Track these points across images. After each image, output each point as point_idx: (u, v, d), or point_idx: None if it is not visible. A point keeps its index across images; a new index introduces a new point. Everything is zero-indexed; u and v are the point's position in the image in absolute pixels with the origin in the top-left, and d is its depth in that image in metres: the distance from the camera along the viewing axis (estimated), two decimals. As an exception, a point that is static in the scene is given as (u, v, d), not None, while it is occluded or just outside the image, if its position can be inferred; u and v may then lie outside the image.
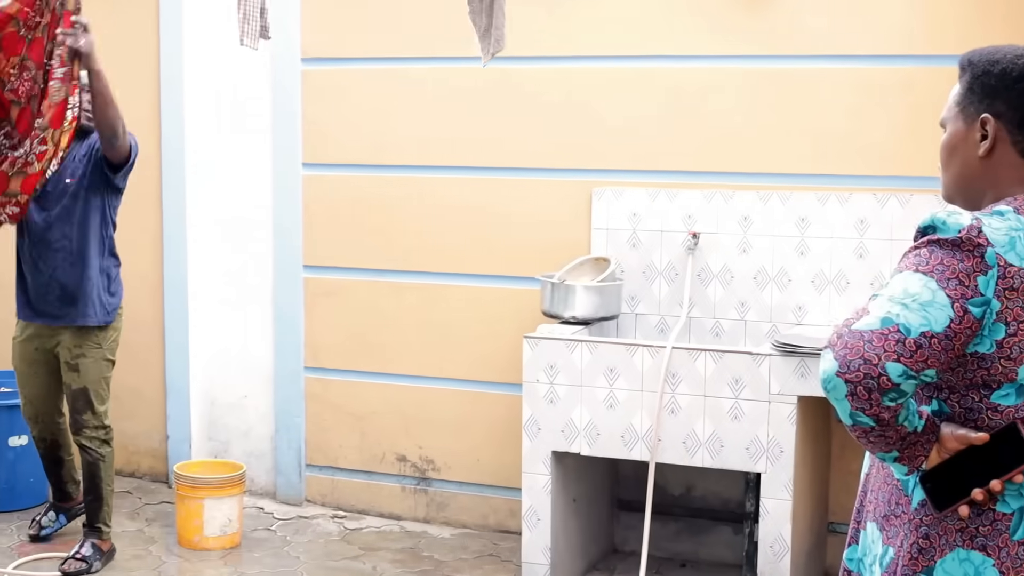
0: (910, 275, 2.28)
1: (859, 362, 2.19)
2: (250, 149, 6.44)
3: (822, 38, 5.41)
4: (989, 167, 2.43)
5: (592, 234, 5.74)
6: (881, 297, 2.27)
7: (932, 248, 2.29)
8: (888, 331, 2.20)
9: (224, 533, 5.78)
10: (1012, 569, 2.28)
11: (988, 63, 2.44)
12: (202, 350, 6.61)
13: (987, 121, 2.42)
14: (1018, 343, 2.27)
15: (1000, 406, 2.31)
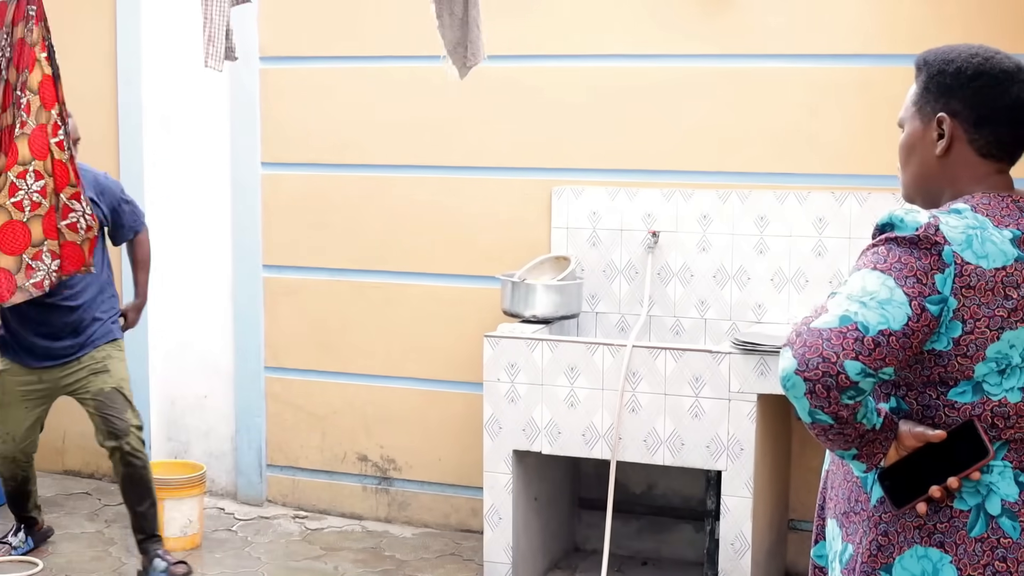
0: (868, 273, 2.28)
1: (818, 360, 2.20)
2: (208, 148, 6.41)
3: (780, 38, 5.43)
4: (947, 166, 2.44)
5: (552, 233, 5.75)
6: (839, 295, 2.27)
7: (890, 246, 2.31)
8: (846, 329, 2.21)
9: (184, 534, 5.76)
10: (969, 565, 2.29)
11: (943, 62, 2.45)
12: (161, 351, 6.58)
13: (943, 120, 2.43)
14: (974, 341, 2.28)
15: (957, 403, 2.33)
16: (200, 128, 6.42)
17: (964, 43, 2.49)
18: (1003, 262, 2.29)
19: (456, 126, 5.91)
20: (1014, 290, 2.29)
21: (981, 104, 2.41)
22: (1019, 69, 2.40)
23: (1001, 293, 2.28)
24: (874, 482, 2.39)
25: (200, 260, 6.49)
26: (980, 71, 2.41)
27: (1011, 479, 2.32)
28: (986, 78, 2.40)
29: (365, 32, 6.04)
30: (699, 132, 5.55)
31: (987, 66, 2.41)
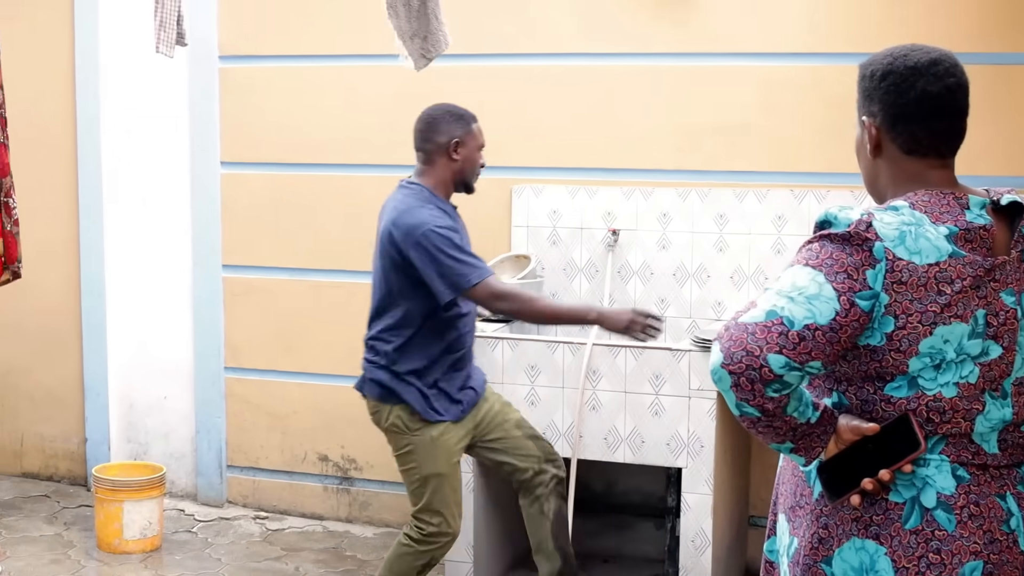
0: (800, 269, 2.33)
1: (741, 353, 2.25)
2: (167, 148, 6.37)
3: (737, 36, 5.45)
4: (881, 166, 2.49)
5: (512, 231, 5.75)
6: (770, 291, 2.32)
7: (823, 243, 2.34)
8: (772, 323, 2.25)
9: (144, 536, 5.73)
10: (904, 557, 2.32)
11: (865, 66, 2.51)
12: (120, 352, 6.54)
13: (866, 123, 2.49)
14: (907, 336, 2.30)
15: (893, 398, 2.35)
16: (159, 128, 6.39)
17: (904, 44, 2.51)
18: (936, 258, 2.30)
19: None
20: (948, 286, 2.30)
21: (891, 103, 2.44)
22: (933, 63, 2.42)
23: (934, 289, 2.29)
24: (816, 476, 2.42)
25: (159, 260, 6.45)
26: (888, 70, 2.45)
27: (948, 473, 2.34)
28: (893, 76, 2.44)
29: (325, 31, 6.03)
30: (659, 130, 5.56)
31: (896, 64, 2.44)
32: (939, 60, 2.42)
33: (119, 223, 6.46)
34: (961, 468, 2.35)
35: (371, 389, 4.59)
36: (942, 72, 2.41)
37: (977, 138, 5.06)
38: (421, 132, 4.59)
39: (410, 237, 4.34)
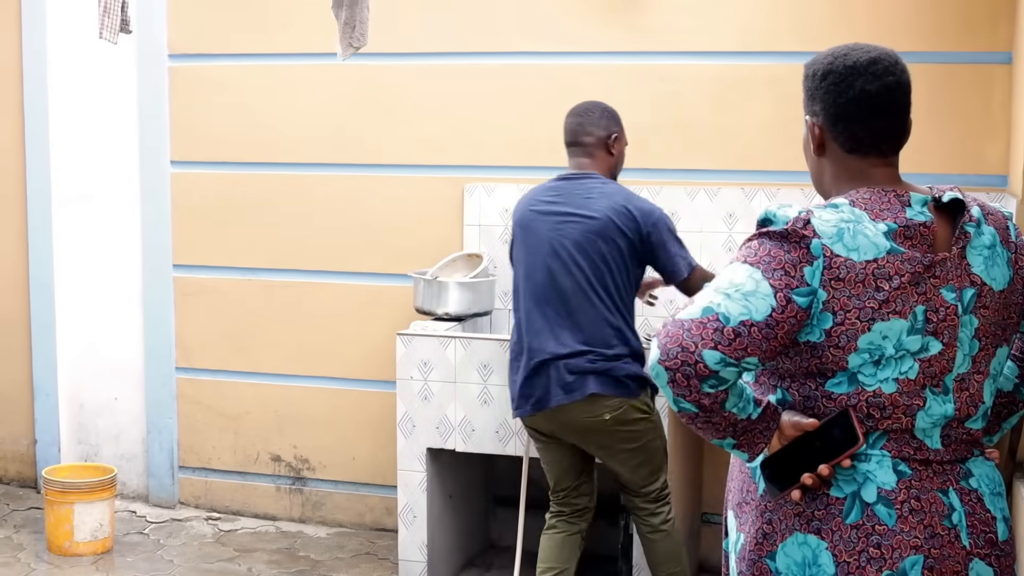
0: (738, 266, 2.35)
1: (677, 350, 2.27)
2: (117, 147, 6.33)
3: (690, 35, 5.47)
4: (827, 164, 2.51)
5: (464, 230, 5.75)
6: (708, 288, 2.34)
7: (762, 240, 2.37)
8: (707, 320, 2.27)
9: (95, 538, 5.69)
10: (844, 552, 2.33)
11: (808, 66, 2.53)
12: (70, 352, 6.50)
13: (809, 123, 2.51)
14: (845, 332, 2.31)
15: (834, 394, 2.37)
16: (108, 127, 6.34)
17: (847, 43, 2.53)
18: (875, 254, 2.32)
19: (367, 124, 5.89)
20: (886, 282, 2.31)
21: (831, 102, 2.46)
22: (872, 62, 2.43)
23: (872, 285, 2.31)
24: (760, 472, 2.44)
25: (109, 260, 6.41)
26: (828, 70, 2.46)
27: (889, 468, 2.36)
28: (833, 76, 2.45)
29: (274, 29, 6.00)
30: (610, 129, 5.57)
31: (835, 64, 2.46)
32: (878, 59, 2.43)
33: (68, 223, 6.41)
34: (903, 463, 2.36)
35: (623, 388, 4.38)
36: (881, 71, 2.42)
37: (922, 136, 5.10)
38: (581, 126, 4.60)
39: (649, 219, 4.40)
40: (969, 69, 5.18)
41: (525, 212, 4.54)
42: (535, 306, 4.44)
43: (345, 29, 4.51)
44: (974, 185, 5.16)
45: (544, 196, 4.53)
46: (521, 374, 4.45)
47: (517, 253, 4.56)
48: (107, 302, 6.44)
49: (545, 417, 4.42)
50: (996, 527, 2.42)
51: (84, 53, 6.28)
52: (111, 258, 6.41)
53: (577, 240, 4.39)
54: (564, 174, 4.59)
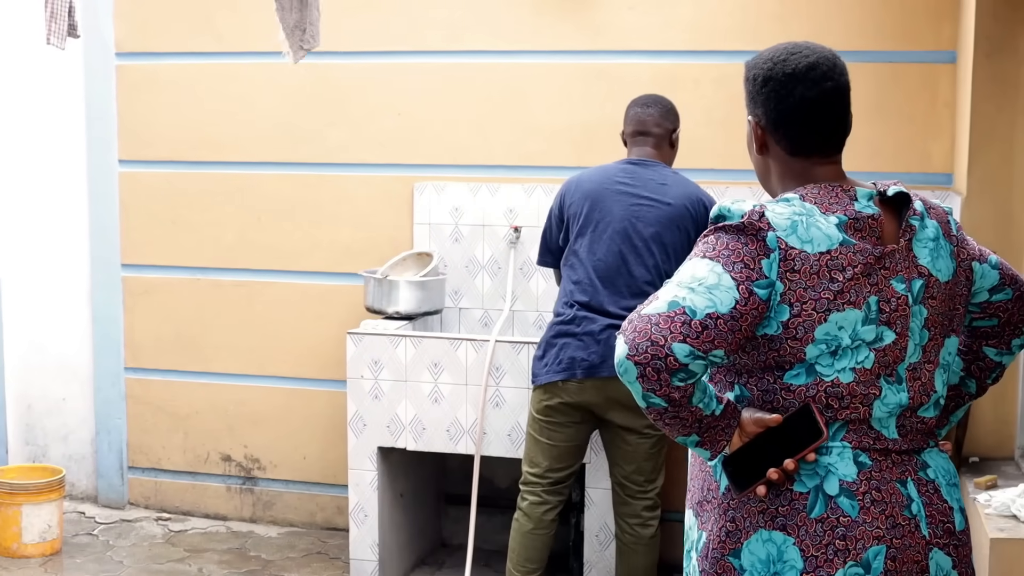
0: (698, 261, 2.37)
1: (647, 344, 2.26)
2: (63, 145, 6.28)
3: (639, 34, 5.49)
4: (768, 164, 2.56)
5: (414, 229, 5.75)
6: (671, 284, 2.35)
7: (719, 234, 2.39)
8: (674, 313, 2.28)
9: (44, 539, 5.66)
10: (812, 546, 2.35)
11: (748, 68, 2.56)
12: (17, 353, 6.44)
13: (752, 123, 2.55)
14: (802, 323, 2.34)
15: (792, 386, 2.39)
16: (55, 125, 6.30)
17: (785, 42, 2.56)
18: (828, 246, 2.36)
19: (316, 123, 5.88)
20: (839, 273, 2.35)
21: (772, 108, 2.50)
22: (810, 67, 2.47)
23: (827, 276, 2.34)
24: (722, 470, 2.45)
25: (56, 260, 6.36)
26: (768, 76, 2.49)
27: (850, 459, 2.39)
28: (773, 83, 2.49)
29: (222, 28, 5.98)
30: (559, 128, 5.59)
31: (775, 70, 2.49)
32: (817, 64, 2.47)
33: (13, 222, 6.35)
34: (863, 454, 2.39)
35: None
36: (819, 76, 2.46)
37: (868, 135, 5.18)
38: (651, 116, 4.69)
39: None
40: (914, 68, 5.23)
41: (599, 188, 4.59)
42: (597, 278, 4.52)
43: (295, 32, 4.50)
44: (920, 183, 5.21)
45: (619, 176, 4.61)
46: (572, 339, 4.49)
47: (580, 224, 4.59)
48: (55, 302, 6.40)
49: (593, 385, 4.46)
50: (953, 517, 2.46)
51: (30, 52, 6.23)
52: (59, 258, 6.36)
53: (651, 224, 4.51)
54: (633, 159, 4.67)
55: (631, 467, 4.57)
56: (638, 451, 4.55)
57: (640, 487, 4.59)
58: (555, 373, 4.50)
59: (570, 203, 4.62)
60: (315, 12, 4.54)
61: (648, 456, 4.56)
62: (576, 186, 4.65)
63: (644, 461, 4.56)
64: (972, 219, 4.85)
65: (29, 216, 6.38)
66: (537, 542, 4.63)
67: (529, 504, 4.64)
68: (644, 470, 4.57)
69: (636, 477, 4.58)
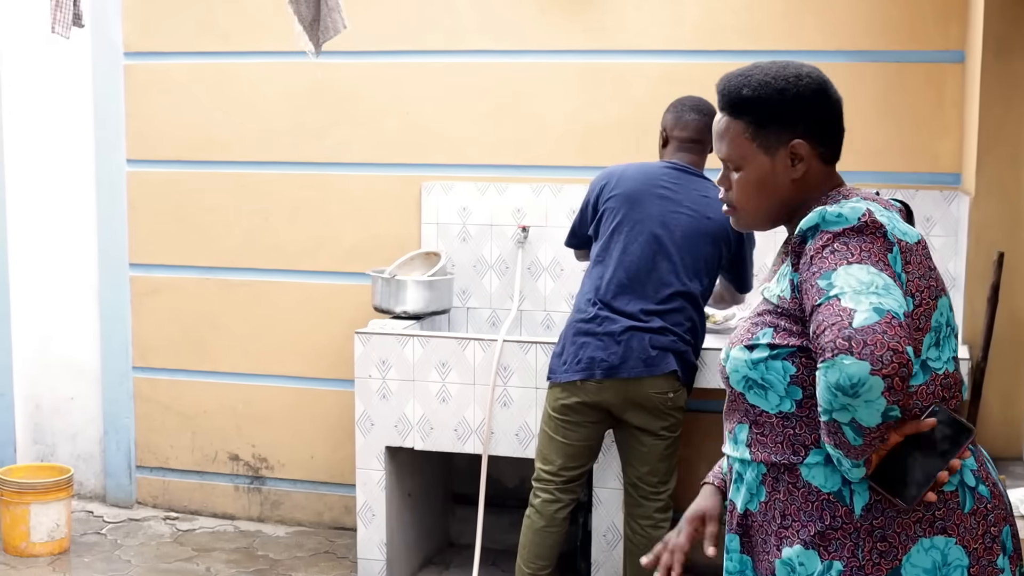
0: (848, 269, 2.25)
1: (890, 354, 2.11)
2: (72, 145, 6.29)
3: (646, 33, 5.49)
4: (802, 185, 2.50)
5: (422, 229, 5.76)
6: (844, 295, 2.20)
7: (844, 240, 2.30)
8: (889, 319, 2.15)
9: (52, 538, 5.67)
10: (972, 541, 2.32)
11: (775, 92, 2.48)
12: (26, 352, 6.45)
13: (799, 146, 2.47)
14: (923, 312, 2.33)
15: (912, 386, 2.33)
16: (64, 125, 6.30)
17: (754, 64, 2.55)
18: (916, 237, 2.37)
19: (324, 123, 5.88)
20: (930, 261, 2.38)
21: (825, 119, 2.49)
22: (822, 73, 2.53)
23: (926, 265, 2.35)
24: (853, 492, 2.33)
25: (64, 259, 6.37)
26: (814, 88, 2.49)
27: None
28: (820, 94, 2.49)
29: (229, 28, 5.99)
30: (567, 127, 5.59)
31: (814, 82, 2.49)
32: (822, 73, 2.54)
33: (22, 222, 6.36)
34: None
35: (688, 376, 4.57)
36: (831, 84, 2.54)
37: (876, 136, 5.17)
38: (709, 127, 4.56)
39: (751, 236, 4.63)
40: (921, 68, 5.22)
41: (641, 189, 4.58)
42: (626, 278, 4.50)
43: (313, 25, 4.49)
44: (927, 183, 5.21)
45: (662, 180, 4.59)
46: (593, 339, 4.48)
47: (616, 222, 4.58)
48: (63, 301, 6.41)
49: (612, 385, 4.45)
50: None
51: (38, 51, 6.24)
52: (67, 257, 6.37)
53: (687, 234, 4.51)
54: (679, 164, 4.66)
55: (645, 468, 4.57)
56: (653, 452, 4.55)
57: (653, 488, 4.59)
58: (574, 372, 4.49)
59: (608, 197, 4.61)
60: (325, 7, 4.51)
61: (662, 457, 4.56)
62: (617, 182, 4.63)
63: (658, 462, 4.56)
64: (980, 219, 4.85)
65: (37, 216, 6.39)
66: (548, 540, 4.63)
67: (541, 502, 4.63)
68: (658, 471, 4.57)
69: (650, 479, 4.58)
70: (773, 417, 2.40)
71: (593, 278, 4.57)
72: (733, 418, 2.51)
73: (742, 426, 2.47)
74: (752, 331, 2.44)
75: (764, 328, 2.41)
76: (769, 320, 2.42)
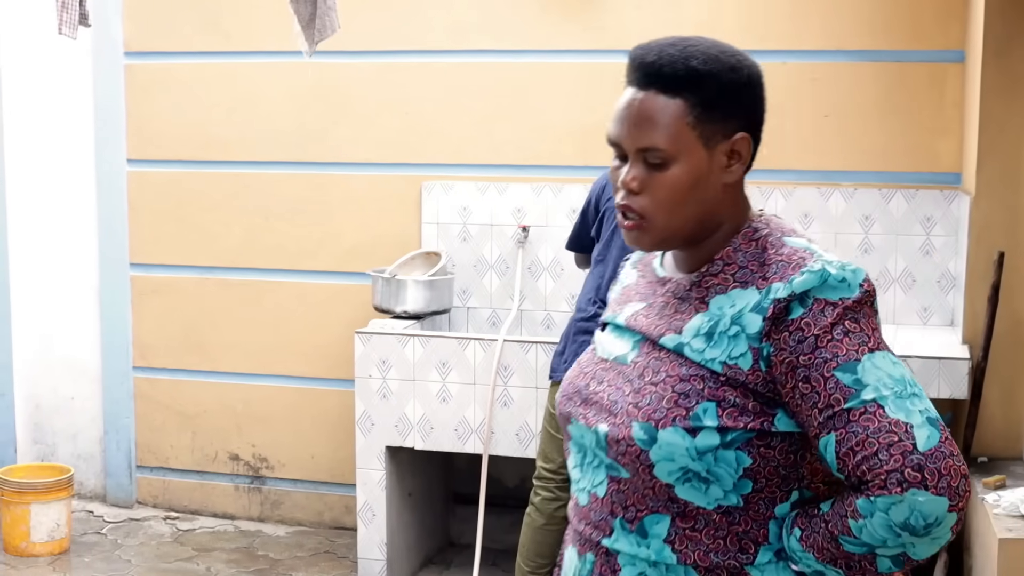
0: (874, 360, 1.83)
1: (964, 482, 1.77)
2: (72, 144, 6.29)
3: (647, 33, 5.46)
4: (730, 191, 1.99)
5: (423, 228, 5.76)
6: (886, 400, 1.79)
7: (852, 317, 1.84)
8: (946, 434, 1.80)
9: (52, 538, 5.67)
10: None
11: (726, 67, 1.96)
12: (26, 352, 6.45)
13: (743, 142, 1.97)
14: None
15: None
16: (64, 124, 6.30)
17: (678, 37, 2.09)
18: None
19: (324, 122, 5.88)
20: None
21: (759, 110, 2.01)
22: None
23: None
24: None
25: (64, 259, 6.37)
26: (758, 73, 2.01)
27: None
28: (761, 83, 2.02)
29: (230, 28, 5.99)
30: (567, 127, 5.59)
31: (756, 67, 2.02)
32: None
33: (23, 222, 6.36)
34: None
35: None
36: None
37: (876, 135, 5.18)
38: None
39: None
40: (922, 68, 5.22)
41: None
42: None
43: (309, 25, 4.50)
44: (928, 183, 5.22)
45: None
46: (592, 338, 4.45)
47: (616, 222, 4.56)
48: (63, 301, 6.41)
49: None
50: None
51: (39, 50, 6.24)
52: (67, 257, 6.37)
53: None
54: None
55: None
56: None
57: None
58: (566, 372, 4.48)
59: (608, 197, 4.60)
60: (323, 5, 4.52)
61: None
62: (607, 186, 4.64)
63: None
64: (981, 219, 4.85)
65: (38, 215, 6.39)
66: (548, 538, 4.63)
67: (542, 500, 4.64)
68: None
69: None
70: (711, 512, 1.90)
71: (595, 277, 4.57)
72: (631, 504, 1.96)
73: (657, 518, 1.93)
74: (683, 405, 1.88)
75: (701, 402, 1.88)
76: (707, 391, 1.89)
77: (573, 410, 2.05)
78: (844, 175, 5.26)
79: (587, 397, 2.03)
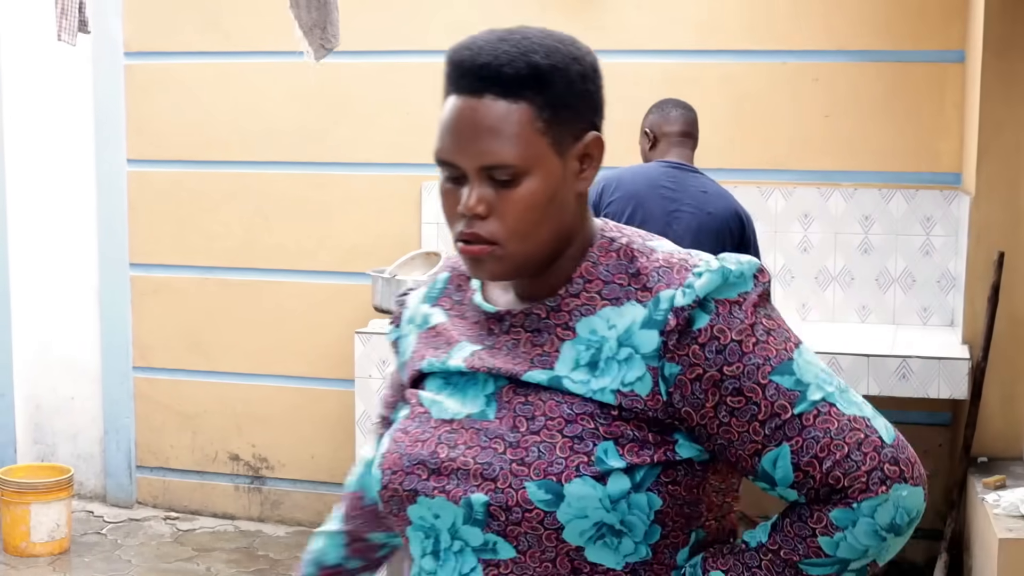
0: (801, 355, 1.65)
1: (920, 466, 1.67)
2: (72, 145, 6.29)
3: (646, 33, 5.49)
4: (581, 201, 1.76)
5: (423, 228, 5.76)
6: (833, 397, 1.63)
7: (768, 312, 1.66)
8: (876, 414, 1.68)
9: (52, 538, 5.67)
10: None
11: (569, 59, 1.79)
12: (26, 352, 6.45)
13: (596, 143, 1.79)
14: None
15: None
16: (64, 124, 6.30)
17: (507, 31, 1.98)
18: None
19: (324, 122, 5.89)
20: None
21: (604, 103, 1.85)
22: None
23: None
24: None
25: (64, 259, 6.37)
26: (595, 58, 1.85)
27: None
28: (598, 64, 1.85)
29: (230, 28, 5.99)
30: (567, 127, 5.58)
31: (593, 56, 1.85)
32: None
33: (23, 222, 6.36)
34: None
35: None
36: None
37: (876, 135, 5.17)
38: (695, 121, 4.71)
39: (751, 225, 4.57)
40: (922, 68, 5.22)
41: (643, 190, 4.58)
42: None
43: (314, 30, 4.50)
44: (928, 183, 5.22)
45: (662, 180, 4.58)
46: None
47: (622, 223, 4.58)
48: (63, 301, 6.41)
49: None
50: None
51: (38, 50, 6.24)
52: (67, 257, 6.37)
53: (689, 231, 4.48)
54: (675, 162, 4.64)
55: None
56: None
57: None
58: None
59: (609, 201, 4.61)
60: (335, 11, 4.54)
61: None
62: (617, 185, 4.63)
63: None
64: (980, 219, 4.85)
65: (38, 216, 6.39)
66: None
67: None
68: None
69: None
70: (619, 573, 1.65)
71: None
72: None
73: None
74: (580, 450, 1.62)
75: (599, 442, 1.62)
76: (602, 429, 1.63)
77: (418, 486, 1.68)
78: (844, 175, 5.26)
79: (438, 467, 1.67)
